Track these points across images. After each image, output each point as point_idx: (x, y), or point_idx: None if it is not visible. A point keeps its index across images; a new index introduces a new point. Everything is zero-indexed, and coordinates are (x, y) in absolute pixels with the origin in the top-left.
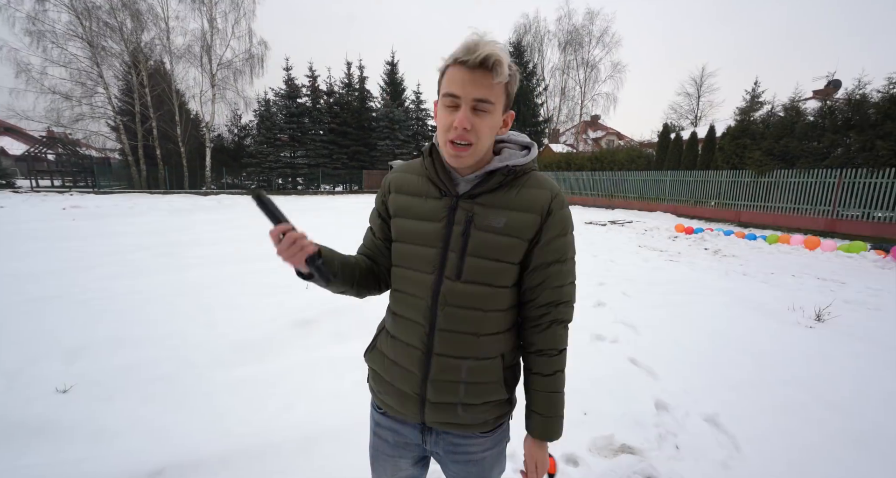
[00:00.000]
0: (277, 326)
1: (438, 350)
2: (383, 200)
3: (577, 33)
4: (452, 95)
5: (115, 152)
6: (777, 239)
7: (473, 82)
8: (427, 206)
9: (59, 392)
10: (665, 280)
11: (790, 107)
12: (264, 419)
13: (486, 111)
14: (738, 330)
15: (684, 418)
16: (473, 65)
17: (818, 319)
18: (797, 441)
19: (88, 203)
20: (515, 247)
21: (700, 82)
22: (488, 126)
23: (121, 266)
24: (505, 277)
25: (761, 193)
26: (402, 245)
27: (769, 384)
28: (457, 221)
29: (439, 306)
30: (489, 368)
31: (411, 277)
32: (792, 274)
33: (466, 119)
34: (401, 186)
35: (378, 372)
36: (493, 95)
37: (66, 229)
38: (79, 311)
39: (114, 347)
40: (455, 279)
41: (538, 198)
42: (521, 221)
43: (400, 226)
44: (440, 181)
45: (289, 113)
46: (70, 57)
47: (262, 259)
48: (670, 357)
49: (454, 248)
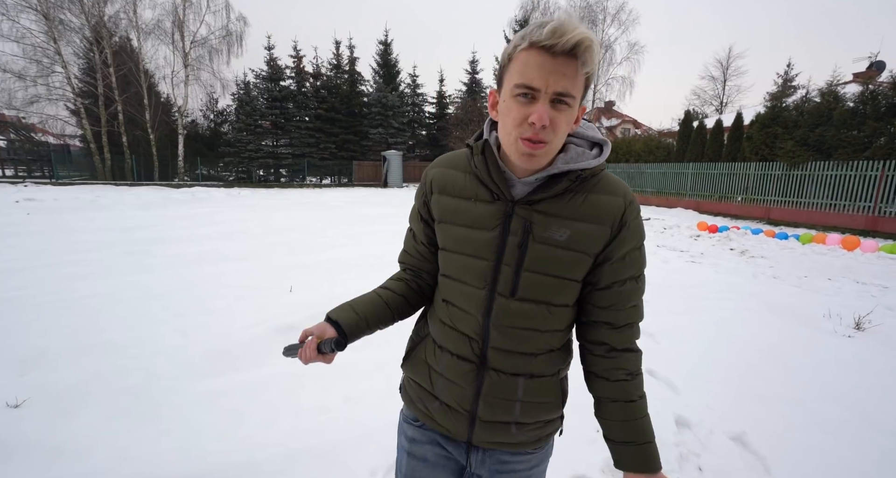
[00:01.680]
0: (257, 332)
1: (493, 365)
2: (425, 201)
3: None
4: (529, 87)
5: (75, 139)
6: (811, 238)
7: (556, 72)
8: (477, 211)
9: (9, 407)
10: (686, 283)
11: (827, 91)
12: (242, 437)
13: (568, 105)
14: (767, 339)
15: (708, 436)
16: (560, 51)
17: (858, 328)
18: (836, 463)
19: (45, 195)
20: (580, 262)
21: (726, 65)
22: (566, 122)
23: (81, 266)
24: (565, 295)
25: (794, 188)
26: (450, 254)
27: (803, 400)
28: (513, 230)
29: (491, 325)
30: (547, 386)
31: (460, 290)
32: (828, 277)
33: (547, 115)
34: (445, 185)
35: (419, 383)
36: (575, 88)
37: (19, 225)
38: (33, 315)
39: (73, 357)
40: (509, 297)
41: (609, 206)
42: (587, 233)
43: (447, 232)
44: (493, 182)
45: (271, 97)
46: (23, 31)
47: (241, 259)
48: (692, 369)
49: (508, 261)
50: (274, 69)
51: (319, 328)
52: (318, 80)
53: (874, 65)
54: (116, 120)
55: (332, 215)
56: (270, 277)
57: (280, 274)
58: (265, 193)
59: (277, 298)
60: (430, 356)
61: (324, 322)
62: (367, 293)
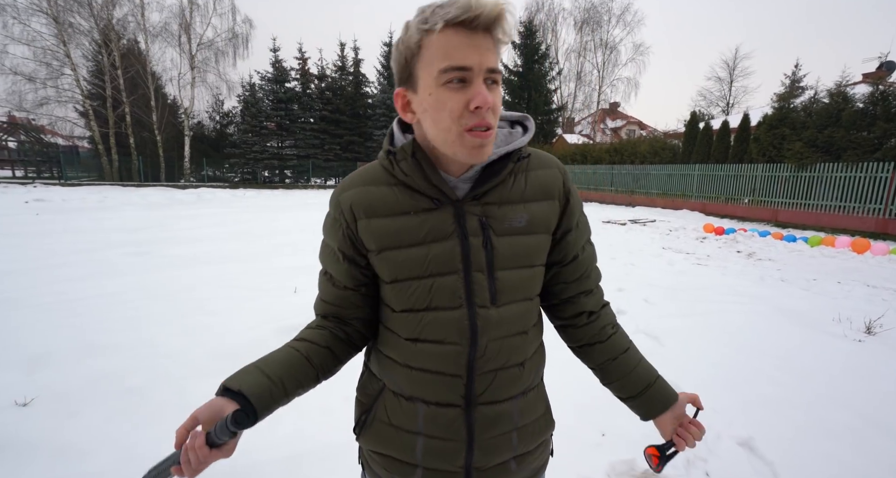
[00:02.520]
0: (262, 333)
1: (482, 399)
2: (347, 234)
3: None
4: (461, 68)
5: (83, 140)
6: (820, 241)
7: (481, 47)
8: (423, 223)
9: (18, 405)
10: (692, 286)
11: (836, 92)
12: (246, 438)
13: (497, 82)
14: (775, 343)
15: (715, 441)
16: (482, 25)
17: (868, 332)
18: (845, 470)
19: (54, 196)
20: (543, 244)
21: (733, 65)
22: (500, 103)
23: (89, 266)
24: (538, 283)
25: (802, 190)
26: (405, 284)
27: (812, 405)
28: (471, 231)
29: (479, 346)
30: (536, 397)
31: (432, 318)
32: (837, 280)
33: (487, 95)
34: (371, 206)
35: (388, 455)
36: (498, 61)
37: (29, 225)
38: (41, 315)
39: (80, 356)
40: (490, 305)
41: (551, 180)
42: (542, 212)
43: (394, 260)
44: (432, 187)
45: (276, 99)
46: (34, 34)
47: (245, 260)
48: (698, 373)
49: (478, 266)
50: (279, 71)
51: (210, 409)
52: (323, 82)
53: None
54: (124, 122)
55: None
56: (275, 279)
57: (285, 275)
58: (270, 194)
59: (282, 299)
60: (397, 415)
61: (216, 398)
62: (276, 350)
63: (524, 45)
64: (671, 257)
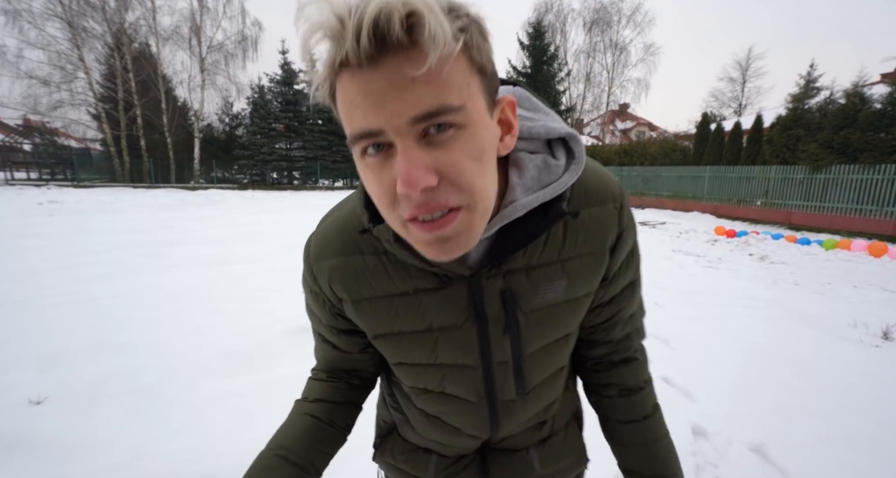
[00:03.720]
0: (269, 333)
1: (501, 445)
2: (334, 312)
3: (605, 11)
4: (367, 135)
5: (96, 143)
6: (835, 244)
7: (391, 88)
8: (426, 305)
9: (32, 403)
10: (703, 289)
11: (853, 93)
12: (253, 437)
13: (455, 124)
14: (789, 348)
15: (726, 446)
16: (369, 53)
17: (885, 338)
18: (857, 476)
19: (67, 198)
20: (585, 305)
21: (746, 66)
22: (472, 152)
23: (101, 267)
24: (573, 342)
25: (816, 192)
26: (414, 368)
27: (827, 411)
28: (490, 314)
29: (501, 425)
30: (565, 440)
31: (447, 401)
32: (853, 285)
33: (420, 166)
34: (358, 286)
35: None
36: (449, 90)
37: (42, 226)
38: (55, 314)
39: (91, 355)
40: (516, 397)
41: (602, 225)
42: (585, 270)
43: (395, 347)
44: (428, 264)
45: (285, 100)
46: (48, 39)
47: (254, 261)
48: (709, 377)
49: (501, 358)
50: (288, 73)
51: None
52: None
53: None
54: (135, 124)
55: None
56: (283, 279)
57: (293, 276)
58: (279, 196)
59: (290, 300)
60: (407, 462)
61: None
62: (291, 421)
63: (532, 45)
64: (681, 260)
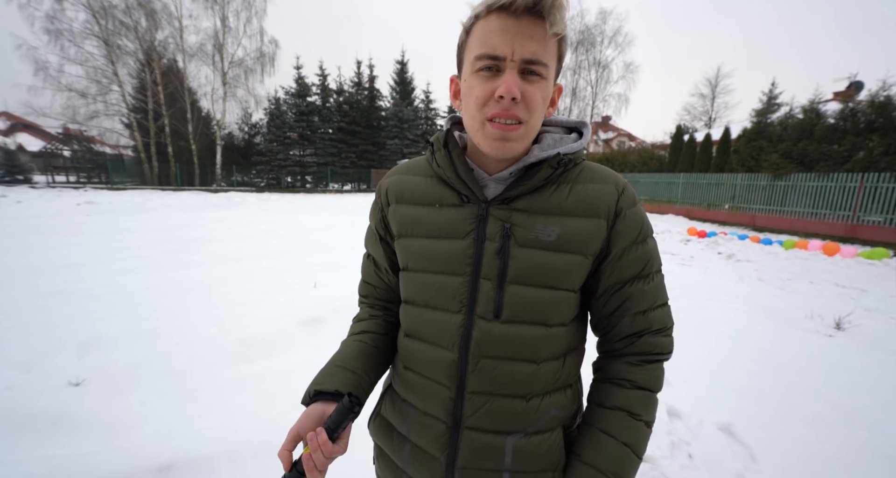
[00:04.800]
0: (285, 324)
1: (470, 423)
2: (382, 216)
3: (589, 33)
4: (492, 57)
5: (128, 149)
6: (794, 244)
7: (521, 35)
8: (443, 217)
9: (72, 385)
10: (677, 284)
11: (809, 108)
12: (272, 418)
13: (541, 75)
14: (753, 337)
15: (698, 426)
16: (520, 9)
17: (838, 328)
18: (816, 453)
19: (102, 199)
20: (576, 267)
21: (715, 83)
22: (542, 96)
23: (132, 262)
24: (563, 310)
25: (778, 197)
26: (413, 274)
27: (786, 394)
28: (489, 235)
29: (471, 360)
30: (546, 447)
31: (429, 318)
32: (810, 280)
33: (517, 85)
34: (402, 192)
35: (385, 451)
36: (546, 54)
37: (80, 225)
38: (91, 305)
39: (125, 342)
40: (492, 319)
41: (601, 195)
42: (581, 230)
43: (408, 248)
44: (460, 182)
45: (299, 111)
46: (86, 55)
47: (270, 257)
48: (682, 364)
49: (488, 274)
50: (302, 86)
51: (309, 419)
52: (341, 96)
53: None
54: (163, 132)
55: (352, 218)
56: (297, 274)
57: (306, 271)
58: (292, 198)
59: (303, 293)
60: (394, 413)
61: (310, 408)
62: (345, 346)
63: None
64: None
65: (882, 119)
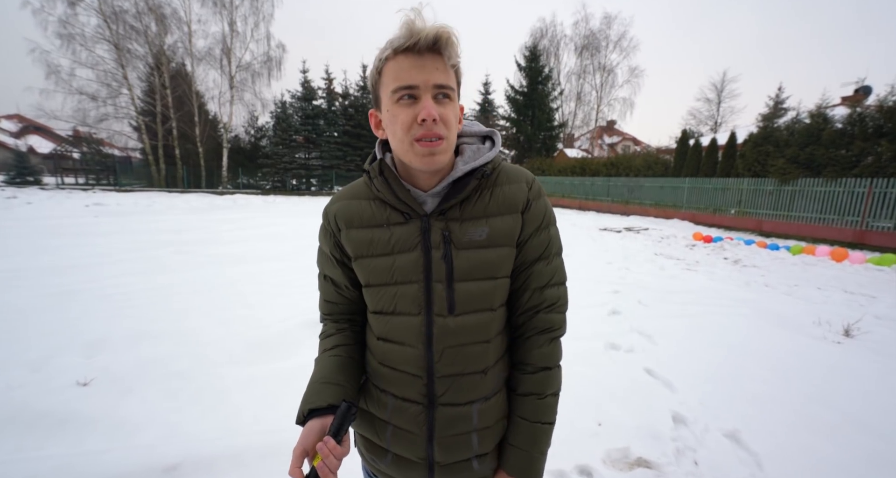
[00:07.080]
0: (290, 325)
1: (443, 400)
2: (335, 241)
3: (594, 37)
4: (409, 87)
5: (136, 152)
6: (801, 250)
7: (428, 67)
8: (394, 235)
9: (80, 385)
10: (682, 289)
11: (817, 113)
12: (276, 418)
13: (450, 97)
14: (759, 343)
15: (703, 432)
16: (423, 48)
17: (846, 335)
18: (823, 461)
19: (110, 201)
20: (506, 257)
21: (721, 88)
22: (453, 115)
23: (140, 263)
24: (502, 294)
25: (785, 202)
26: (376, 289)
27: (794, 401)
28: (433, 244)
29: (435, 351)
30: (498, 403)
31: (396, 322)
32: (817, 287)
33: (433, 108)
34: (351, 218)
35: (366, 437)
36: (451, 80)
37: (88, 226)
38: (99, 305)
39: (132, 342)
40: (447, 314)
41: (515, 194)
42: (504, 226)
43: (367, 267)
44: (401, 203)
45: (304, 115)
46: (97, 59)
47: (275, 259)
48: (688, 369)
49: (438, 277)
50: (308, 90)
51: (311, 435)
52: (347, 100)
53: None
54: (171, 135)
55: None
56: (301, 276)
57: (310, 273)
58: (297, 201)
59: (307, 295)
60: (373, 404)
61: (308, 425)
62: (322, 363)
63: (529, 67)
64: (663, 263)
65: (891, 124)
